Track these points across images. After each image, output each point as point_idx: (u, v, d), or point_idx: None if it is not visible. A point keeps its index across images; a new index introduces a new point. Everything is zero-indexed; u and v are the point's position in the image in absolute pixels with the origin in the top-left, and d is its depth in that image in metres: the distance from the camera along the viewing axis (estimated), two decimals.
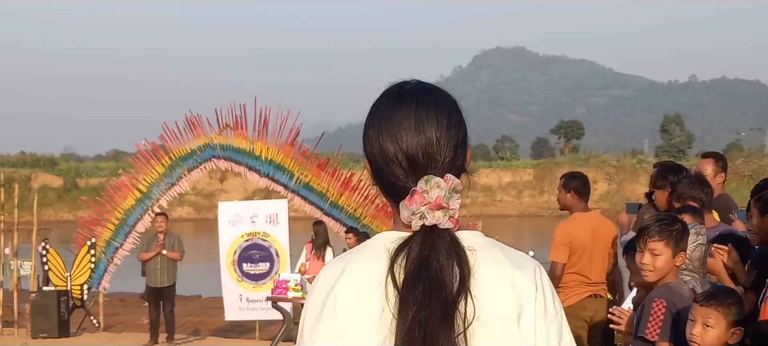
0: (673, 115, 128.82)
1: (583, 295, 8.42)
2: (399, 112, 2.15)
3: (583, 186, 8.62)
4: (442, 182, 2.08)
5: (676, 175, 7.19)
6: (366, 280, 2.05)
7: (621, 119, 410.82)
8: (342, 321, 2.04)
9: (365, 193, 16.40)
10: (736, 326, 4.37)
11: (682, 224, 4.93)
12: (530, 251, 15.10)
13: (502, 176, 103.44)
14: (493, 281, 2.06)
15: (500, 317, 2.03)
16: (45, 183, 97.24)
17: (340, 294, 2.06)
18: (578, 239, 8.38)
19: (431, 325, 1.95)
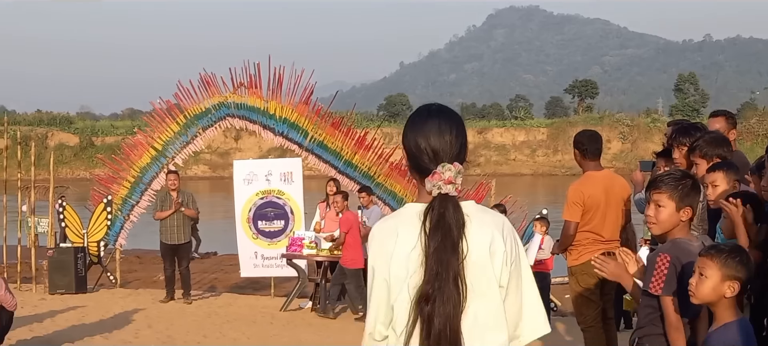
0: (688, 74, 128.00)
1: (595, 252, 8.42)
2: (428, 123, 3.41)
3: (591, 144, 8.62)
4: (452, 167, 3.28)
5: (695, 133, 7.18)
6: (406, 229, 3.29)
7: (635, 79, 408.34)
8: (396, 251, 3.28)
9: (379, 152, 16.46)
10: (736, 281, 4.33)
11: (692, 181, 4.96)
12: (544, 209, 15.22)
13: (516, 135, 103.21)
14: (478, 235, 3.27)
15: (481, 258, 3.25)
16: (61, 141, 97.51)
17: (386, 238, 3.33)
18: (591, 198, 8.38)
19: (446, 255, 3.18)
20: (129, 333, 12.66)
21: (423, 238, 3.23)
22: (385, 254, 3.31)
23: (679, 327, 4.70)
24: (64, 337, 11.99)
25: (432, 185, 3.28)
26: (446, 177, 3.27)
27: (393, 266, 3.28)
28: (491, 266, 3.27)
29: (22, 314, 13.01)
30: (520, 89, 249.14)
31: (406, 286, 3.24)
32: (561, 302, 16.51)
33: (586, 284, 8.47)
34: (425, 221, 3.25)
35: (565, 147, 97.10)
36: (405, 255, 3.26)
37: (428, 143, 3.38)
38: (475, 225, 3.28)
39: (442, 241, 3.19)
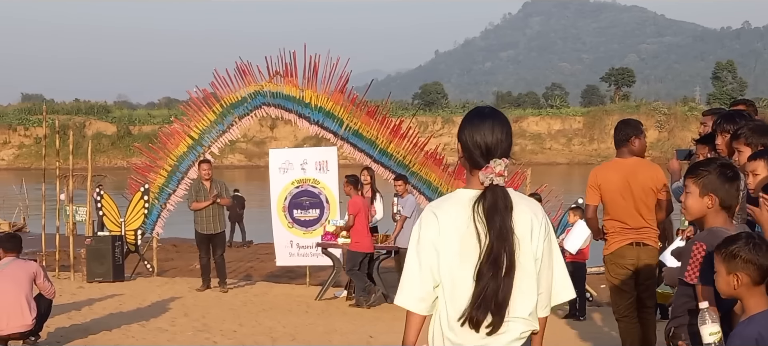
0: (726, 62, 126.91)
1: (622, 242, 8.37)
2: (483, 123, 4.02)
3: (616, 133, 8.63)
4: (502, 162, 3.90)
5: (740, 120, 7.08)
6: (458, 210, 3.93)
7: (672, 66, 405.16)
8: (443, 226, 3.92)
9: (414, 140, 16.45)
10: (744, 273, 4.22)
11: (720, 168, 4.91)
12: (579, 199, 15.13)
13: (551, 123, 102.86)
14: (520, 218, 3.93)
15: (523, 236, 3.93)
16: (99, 130, 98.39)
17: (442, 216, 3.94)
18: (607, 182, 8.36)
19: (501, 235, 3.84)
20: (165, 321, 12.74)
21: (476, 220, 3.91)
22: (437, 228, 3.97)
23: None
24: (101, 325, 12.09)
25: (485, 176, 3.92)
26: (497, 170, 3.92)
27: (443, 238, 3.94)
28: (530, 243, 3.98)
29: (61, 302, 13.13)
30: (555, 77, 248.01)
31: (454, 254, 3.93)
32: (596, 292, 16.45)
33: (616, 274, 8.43)
34: (477, 206, 3.91)
35: (601, 136, 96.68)
36: (455, 230, 3.93)
37: (484, 140, 4.00)
38: (517, 210, 3.95)
39: (498, 223, 3.87)
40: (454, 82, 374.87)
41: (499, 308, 3.91)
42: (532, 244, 4.00)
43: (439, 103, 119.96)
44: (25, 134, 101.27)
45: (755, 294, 4.29)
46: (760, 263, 4.25)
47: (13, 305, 9.88)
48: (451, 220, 3.96)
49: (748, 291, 4.28)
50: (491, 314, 3.91)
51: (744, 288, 4.28)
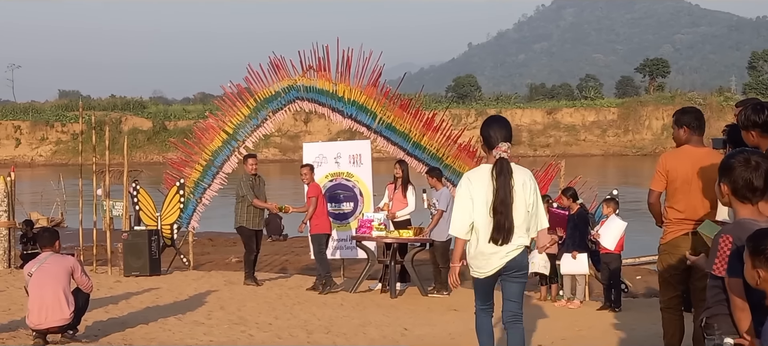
0: (762, 51, 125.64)
1: (678, 232, 8.13)
2: (495, 122, 7.35)
3: (696, 120, 8.34)
4: (507, 145, 7.14)
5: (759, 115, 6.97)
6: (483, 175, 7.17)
7: (708, 57, 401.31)
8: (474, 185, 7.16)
9: (447, 133, 16.44)
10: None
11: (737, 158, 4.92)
12: (614, 190, 15.09)
13: (585, 115, 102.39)
14: (517, 178, 7.11)
15: (519, 189, 7.08)
16: (135, 126, 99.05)
17: (473, 179, 7.23)
18: (675, 170, 8.07)
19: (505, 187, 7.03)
20: (202, 315, 12.83)
21: (493, 179, 7.10)
22: (471, 185, 7.22)
23: (744, 307, 4.65)
24: (138, 318, 12.19)
25: (497, 152, 7.17)
26: (504, 149, 7.18)
27: (474, 191, 7.17)
28: (523, 193, 7.16)
29: (98, 296, 13.26)
30: (589, 69, 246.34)
31: (482, 201, 7.12)
32: (632, 283, 16.39)
33: (667, 265, 8.20)
34: (493, 170, 7.14)
35: (636, 127, 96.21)
36: (481, 186, 7.15)
37: (496, 132, 7.27)
38: (515, 174, 7.17)
39: (503, 180, 7.07)
40: (488, 75, 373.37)
41: (508, 232, 7.10)
42: (525, 194, 7.18)
43: (472, 96, 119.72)
44: (63, 130, 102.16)
45: None
46: None
47: (52, 299, 10.00)
48: (479, 180, 7.22)
49: None
50: (505, 231, 7.08)
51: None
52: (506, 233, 7.05)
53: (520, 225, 7.11)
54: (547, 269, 14.48)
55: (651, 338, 9.36)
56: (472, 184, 7.16)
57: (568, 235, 14.05)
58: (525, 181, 7.17)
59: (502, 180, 7.02)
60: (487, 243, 7.11)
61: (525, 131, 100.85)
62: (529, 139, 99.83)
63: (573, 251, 13.85)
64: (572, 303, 14.00)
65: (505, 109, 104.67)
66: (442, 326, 12.28)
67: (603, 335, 11.47)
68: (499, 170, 7.06)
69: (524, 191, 7.12)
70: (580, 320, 12.74)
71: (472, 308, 7.68)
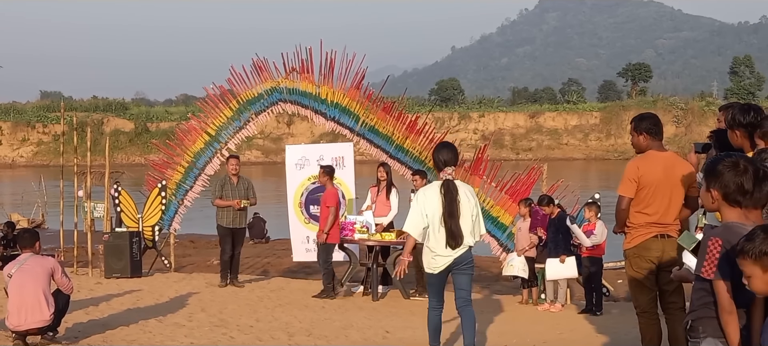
0: (743, 57, 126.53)
1: (647, 235, 8.22)
2: (444, 149, 9.06)
3: (655, 126, 8.42)
4: (451, 168, 8.90)
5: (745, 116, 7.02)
6: (433, 191, 8.88)
7: (690, 62, 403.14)
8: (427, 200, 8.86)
9: (430, 136, 16.44)
10: None
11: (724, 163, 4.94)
12: (596, 194, 15.12)
13: (568, 119, 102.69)
14: (461, 193, 8.85)
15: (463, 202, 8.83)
16: (117, 127, 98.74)
17: (427, 194, 8.91)
18: (647, 175, 8.15)
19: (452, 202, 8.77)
20: (183, 317, 12.79)
21: (441, 195, 8.74)
22: (424, 200, 8.81)
23: (731, 311, 4.66)
24: (119, 320, 12.15)
25: (444, 174, 8.80)
26: (449, 172, 8.81)
27: (427, 206, 8.77)
28: (467, 206, 8.80)
29: (79, 298, 13.20)
30: (572, 73, 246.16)
31: (434, 212, 8.74)
32: (613, 286, 16.43)
33: (639, 268, 8.28)
34: (442, 188, 8.76)
35: (618, 131, 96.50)
36: (432, 201, 8.77)
37: (444, 157, 8.89)
38: (460, 190, 8.80)
39: (449, 197, 8.72)
40: (471, 78, 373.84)
41: (457, 237, 8.78)
42: (469, 205, 8.87)
43: (455, 99, 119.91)
44: (44, 131, 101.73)
45: None
46: None
47: (32, 300, 9.95)
48: (430, 196, 8.88)
49: None
50: (454, 237, 8.78)
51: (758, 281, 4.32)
52: (458, 238, 8.78)
53: (467, 232, 8.84)
54: (526, 272, 14.51)
55: (632, 341, 9.38)
56: (426, 199, 8.87)
57: (550, 239, 14.06)
58: (468, 196, 8.92)
59: (449, 197, 8.77)
60: (443, 247, 8.82)
61: (507, 135, 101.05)
62: (512, 142, 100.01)
63: (562, 255, 13.85)
64: (554, 306, 14.02)
65: (487, 112, 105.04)
66: (423, 329, 12.22)
67: (584, 338, 11.49)
68: (446, 189, 8.80)
69: (468, 203, 8.86)
70: (561, 324, 12.77)
71: (452, 312, 9.37)
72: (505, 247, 15.63)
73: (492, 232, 15.76)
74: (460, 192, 8.81)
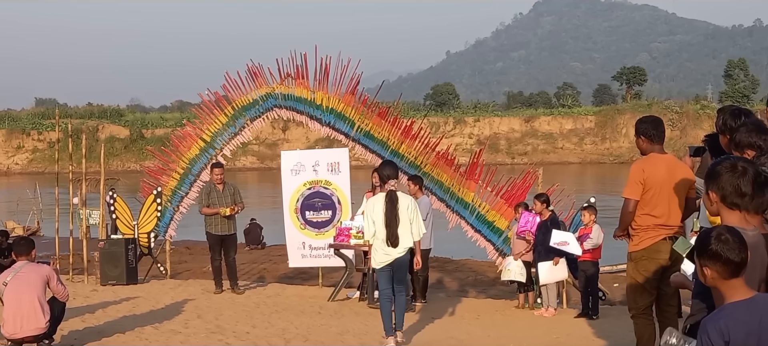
0: (738, 60, 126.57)
1: (657, 238, 8.18)
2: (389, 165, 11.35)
3: (654, 129, 8.44)
4: (394, 180, 10.97)
5: (735, 120, 7.03)
6: (379, 200, 10.84)
7: (684, 65, 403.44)
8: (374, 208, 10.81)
9: (426, 141, 16.43)
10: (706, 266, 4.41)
11: (716, 164, 4.95)
12: (591, 198, 15.12)
13: (563, 123, 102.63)
14: (402, 202, 10.81)
15: (403, 209, 10.75)
16: (112, 134, 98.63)
17: (375, 203, 10.87)
18: (652, 177, 8.14)
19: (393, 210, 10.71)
20: (179, 323, 12.78)
21: (385, 204, 10.70)
22: (372, 209, 10.80)
23: None
24: (115, 327, 12.13)
25: (389, 186, 10.80)
26: (392, 184, 10.85)
27: (375, 214, 10.75)
28: (406, 213, 10.73)
29: (75, 305, 13.19)
30: (567, 77, 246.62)
31: (379, 218, 10.72)
32: (610, 290, 16.43)
33: (645, 271, 8.24)
34: (386, 198, 10.73)
35: (613, 135, 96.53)
36: (378, 208, 10.73)
37: (387, 171, 11.00)
38: (400, 199, 10.77)
39: (391, 206, 10.69)
40: (466, 83, 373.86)
41: (397, 238, 10.65)
42: (407, 213, 10.69)
43: (450, 104, 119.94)
44: (39, 139, 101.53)
45: (729, 287, 4.33)
46: (726, 257, 4.29)
47: (27, 308, 9.94)
48: (377, 204, 10.71)
49: (721, 284, 4.33)
50: (393, 239, 10.66)
51: (717, 281, 4.34)
52: (395, 239, 10.73)
53: (404, 234, 10.77)
54: (523, 276, 14.51)
55: (628, 345, 9.38)
56: (373, 208, 10.82)
57: (539, 241, 14.04)
58: (408, 205, 10.83)
59: (391, 205, 10.70)
60: (384, 246, 10.79)
61: (503, 139, 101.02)
62: (507, 147, 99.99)
63: (555, 258, 13.85)
64: (548, 311, 14.01)
65: (483, 117, 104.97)
66: (420, 335, 12.27)
67: (580, 342, 11.50)
68: (389, 199, 10.75)
69: (408, 212, 10.76)
70: (557, 328, 12.77)
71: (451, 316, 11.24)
72: (501, 251, 15.63)
73: (488, 236, 15.79)
74: (400, 201, 10.77)
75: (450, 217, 16.12)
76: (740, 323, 4.20)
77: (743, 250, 4.31)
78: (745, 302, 4.28)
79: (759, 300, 4.32)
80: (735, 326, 4.19)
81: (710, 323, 4.25)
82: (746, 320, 4.21)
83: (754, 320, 4.22)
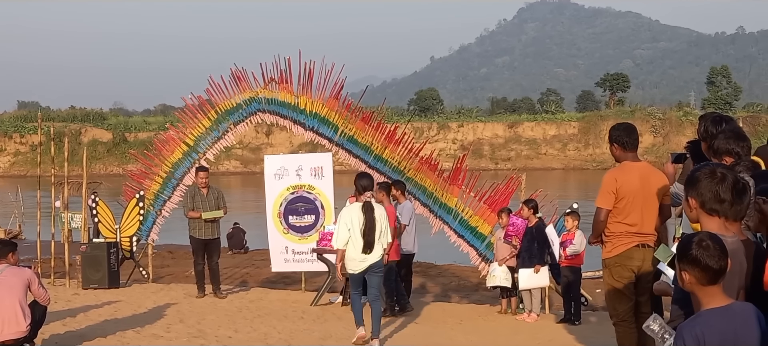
0: (720, 67, 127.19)
1: (629, 244, 8.29)
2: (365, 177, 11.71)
3: (628, 136, 8.49)
4: (370, 192, 11.48)
5: (716, 127, 7.06)
6: (356, 209, 11.30)
7: (667, 72, 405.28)
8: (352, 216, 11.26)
9: (409, 146, 16.44)
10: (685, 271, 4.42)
11: (695, 170, 4.96)
12: (574, 204, 15.14)
13: (546, 129, 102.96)
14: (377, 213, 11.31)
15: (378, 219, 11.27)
16: (94, 137, 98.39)
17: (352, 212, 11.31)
18: (625, 186, 8.23)
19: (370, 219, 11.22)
20: (161, 328, 12.75)
21: (362, 213, 11.19)
22: (349, 218, 11.21)
23: None
24: (97, 331, 12.09)
25: (365, 197, 11.30)
26: (368, 195, 11.35)
27: (351, 221, 11.17)
28: (379, 222, 11.23)
29: (56, 309, 13.13)
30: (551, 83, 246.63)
31: (356, 226, 11.15)
32: (592, 296, 16.47)
33: (620, 277, 8.35)
34: (362, 207, 11.22)
35: (596, 141, 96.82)
36: (355, 217, 11.20)
37: (364, 183, 11.44)
38: (376, 210, 11.26)
39: (368, 215, 11.18)
40: (450, 88, 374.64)
41: (372, 244, 11.16)
42: (381, 223, 11.21)
43: (434, 109, 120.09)
44: (21, 142, 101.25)
45: (706, 293, 4.34)
46: (705, 263, 4.31)
47: (8, 311, 9.88)
48: (354, 213, 11.21)
49: (699, 290, 4.35)
50: (369, 246, 11.15)
51: (694, 286, 4.36)
52: (371, 246, 11.22)
53: (378, 241, 11.29)
54: (508, 281, 14.51)
55: None
56: (350, 216, 11.25)
57: (524, 248, 14.06)
58: (381, 214, 11.36)
59: (368, 215, 11.20)
60: (360, 253, 11.23)
61: (486, 145, 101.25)
62: (491, 152, 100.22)
63: (536, 265, 13.88)
64: (530, 316, 14.02)
65: (466, 122, 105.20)
66: (402, 340, 12.28)
67: None
68: (366, 209, 11.23)
69: (380, 221, 11.28)
70: (540, 334, 12.79)
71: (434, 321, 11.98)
72: (484, 257, 15.64)
73: (471, 242, 15.80)
74: (375, 212, 11.28)
75: (433, 222, 16.13)
76: (715, 330, 4.22)
77: (723, 258, 4.32)
78: (721, 309, 4.30)
79: (736, 309, 4.34)
80: (711, 333, 4.21)
81: (686, 328, 4.27)
82: (721, 328, 4.23)
83: (729, 328, 4.24)
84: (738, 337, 4.23)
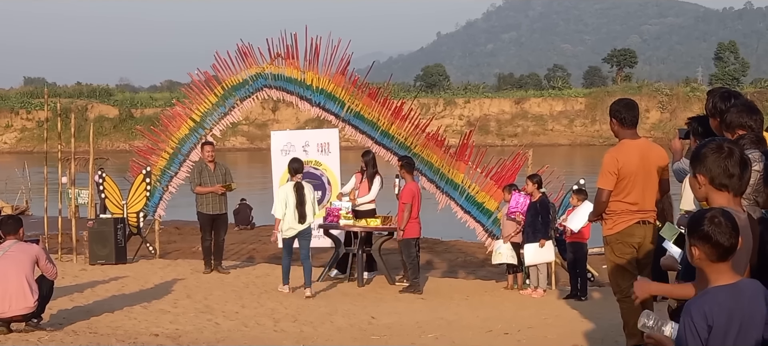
0: (728, 42, 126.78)
1: (631, 221, 8.34)
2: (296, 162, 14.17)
3: (628, 112, 8.47)
4: (300, 174, 14.02)
5: (725, 103, 7.03)
6: (290, 187, 13.85)
7: (675, 47, 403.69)
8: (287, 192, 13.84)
9: (416, 122, 16.40)
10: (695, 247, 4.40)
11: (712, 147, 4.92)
12: (581, 179, 15.15)
13: (553, 105, 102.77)
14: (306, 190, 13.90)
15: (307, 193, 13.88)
16: (101, 113, 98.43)
17: (287, 190, 13.87)
18: (626, 165, 8.27)
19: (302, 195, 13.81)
20: (168, 303, 12.78)
21: (294, 191, 13.77)
22: (285, 194, 13.82)
23: None
24: (104, 307, 12.13)
25: (296, 178, 13.86)
26: (299, 177, 13.90)
27: (287, 196, 13.78)
28: (309, 195, 13.90)
29: (63, 284, 13.18)
30: (558, 59, 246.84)
31: (290, 202, 13.72)
32: (598, 272, 16.47)
33: (622, 254, 8.40)
34: (294, 187, 13.79)
35: (603, 117, 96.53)
36: (289, 193, 13.77)
37: (294, 166, 13.99)
38: (306, 187, 13.92)
39: (299, 193, 13.77)
40: (456, 64, 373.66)
41: (305, 216, 13.78)
42: (309, 197, 13.80)
43: (440, 85, 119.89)
44: (28, 118, 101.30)
45: (715, 270, 4.33)
46: (716, 240, 4.30)
47: (16, 287, 9.92)
48: (288, 191, 13.79)
49: (707, 266, 4.34)
50: (303, 217, 13.75)
51: (703, 262, 4.35)
52: (304, 218, 13.66)
53: (309, 213, 13.73)
54: (514, 258, 14.53)
55: (616, 326, 9.41)
56: (286, 193, 13.71)
57: (528, 222, 14.06)
58: (310, 190, 13.89)
59: (299, 193, 13.65)
60: (296, 223, 13.65)
61: (493, 121, 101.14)
62: (497, 128, 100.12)
63: (541, 239, 13.88)
64: (536, 292, 14.05)
65: (473, 98, 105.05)
66: (409, 315, 12.30)
67: (569, 323, 11.52)
68: (297, 189, 13.69)
69: (309, 196, 13.77)
70: (546, 309, 12.81)
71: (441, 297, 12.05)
72: (491, 233, 15.63)
73: (477, 218, 15.77)
74: (305, 189, 13.78)
75: (439, 198, 16.10)
76: (723, 307, 4.21)
77: (734, 235, 4.30)
78: (729, 286, 4.29)
79: (743, 286, 4.33)
80: (719, 310, 4.20)
81: (694, 305, 4.27)
82: (729, 305, 4.22)
83: (737, 306, 4.23)
84: (745, 314, 4.23)
